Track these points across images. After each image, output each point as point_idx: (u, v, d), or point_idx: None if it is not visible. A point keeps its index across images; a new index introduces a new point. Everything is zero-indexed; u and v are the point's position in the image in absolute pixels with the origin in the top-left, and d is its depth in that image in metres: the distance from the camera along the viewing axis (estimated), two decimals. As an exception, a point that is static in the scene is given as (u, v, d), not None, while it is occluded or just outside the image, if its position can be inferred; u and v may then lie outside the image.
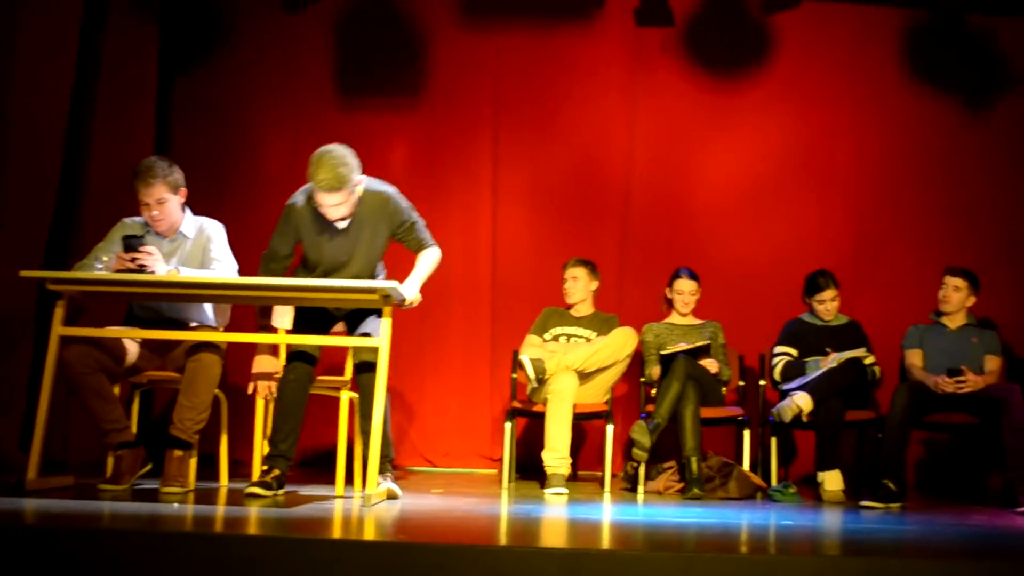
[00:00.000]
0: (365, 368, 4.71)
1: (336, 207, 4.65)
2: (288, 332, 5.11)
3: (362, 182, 4.72)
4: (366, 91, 7.03)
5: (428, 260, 4.91)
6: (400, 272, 4.90)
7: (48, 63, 5.94)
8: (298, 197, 4.83)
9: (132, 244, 4.64)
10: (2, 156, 5.84)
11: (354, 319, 4.95)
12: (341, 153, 4.60)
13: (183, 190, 4.93)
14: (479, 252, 6.88)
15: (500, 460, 6.00)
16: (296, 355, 4.77)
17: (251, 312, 6.09)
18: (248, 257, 5.35)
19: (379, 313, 4.69)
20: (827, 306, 5.95)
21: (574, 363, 5.62)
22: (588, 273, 6.05)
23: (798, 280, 6.12)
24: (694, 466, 5.41)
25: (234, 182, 6.97)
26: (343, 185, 4.57)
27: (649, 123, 6.95)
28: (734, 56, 6.92)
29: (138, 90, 6.51)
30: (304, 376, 4.74)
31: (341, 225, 4.77)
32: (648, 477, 5.66)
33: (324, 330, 4.93)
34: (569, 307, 6.10)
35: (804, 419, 5.52)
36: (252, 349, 4.98)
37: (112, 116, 6.36)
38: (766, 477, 5.78)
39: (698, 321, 6.15)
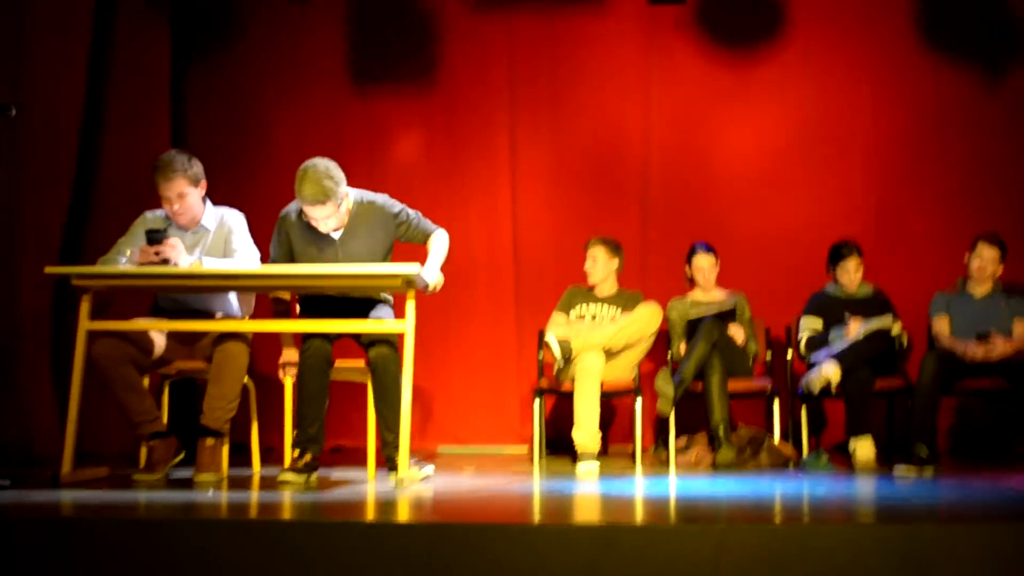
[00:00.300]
0: (377, 343, 4.73)
1: (326, 219, 4.75)
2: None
3: (349, 194, 4.83)
4: (380, 77, 7.02)
5: (439, 244, 4.98)
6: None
7: (61, 57, 5.97)
8: (291, 207, 4.92)
9: (155, 238, 4.66)
10: (17, 152, 5.87)
11: (360, 315, 4.95)
12: (325, 166, 4.71)
13: (203, 182, 4.96)
14: (501, 233, 6.88)
15: (530, 439, 6.01)
16: (310, 338, 4.79)
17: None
18: (268, 245, 5.36)
19: (387, 307, 4.75)
20: (851, 276, 5.94)
21: (600, 341, 5.62)
22: (607, 252, 6.04)
23: (821, 251, 6.11)
24: (722, 434, 5.40)
25: (251, 171, 6.98)
26: (328, 197, 4.66)
27: (666, 100, 6.93)
28: (748, 31, 6.86)
29: (152, 82, 6.53)
30: (322, 359, 4.76)
31: (335, 236, 4.85)
32: (679, 450, 5.67)
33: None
34: (592, 286, 6.09)
35: (833, 390, 5.52)
36: (277, 336, 5.00)
37: (127, 108, 6.38)
38: (797, 447, 5.78)
39: (723, 294, 6.15)
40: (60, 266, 5.32)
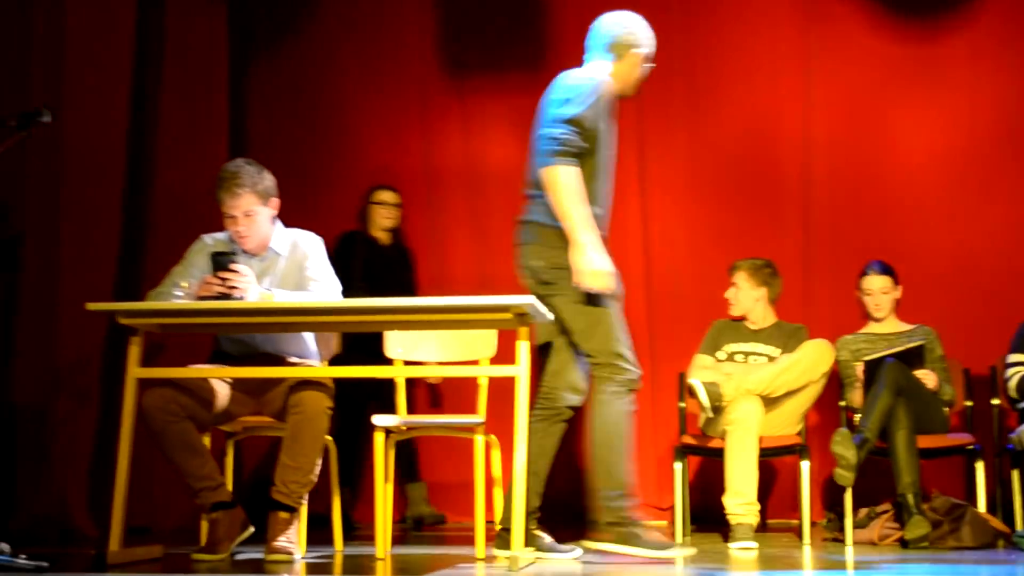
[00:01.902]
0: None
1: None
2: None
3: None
4: (479, 68, 7.08)
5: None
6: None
7: (102, 57, 6.09)
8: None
9: (222, 262, 4.67)
10: (57, 171, 5.99)
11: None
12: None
13: (274, 200, 4.98)
14: (628, 256, 6.81)
15: (670, 508, 5.94)
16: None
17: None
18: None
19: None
20: (1072, 301, 5.78)
21: (757, 386, 5.55)
22: (750, 277, 5.99)
23: (1031, 271, 5.99)
24: (912, 503, 5.27)
25: (327, 184, 7.07)
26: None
27: (829, 88, 6.88)
28: (931, -4, 6.80)
29: (208, 81, 6.64)
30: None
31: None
32: (859, 524, 5.54)
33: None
34: (742, 318, 6.00)
35: (1053, 445, 5.36)
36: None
37: (179, 114, 6.49)
38: (1008, 519, 5.64)
39: (906, 327, 6.05)
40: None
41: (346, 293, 6.18)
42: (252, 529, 4.83)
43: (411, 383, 6.57)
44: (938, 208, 6.73)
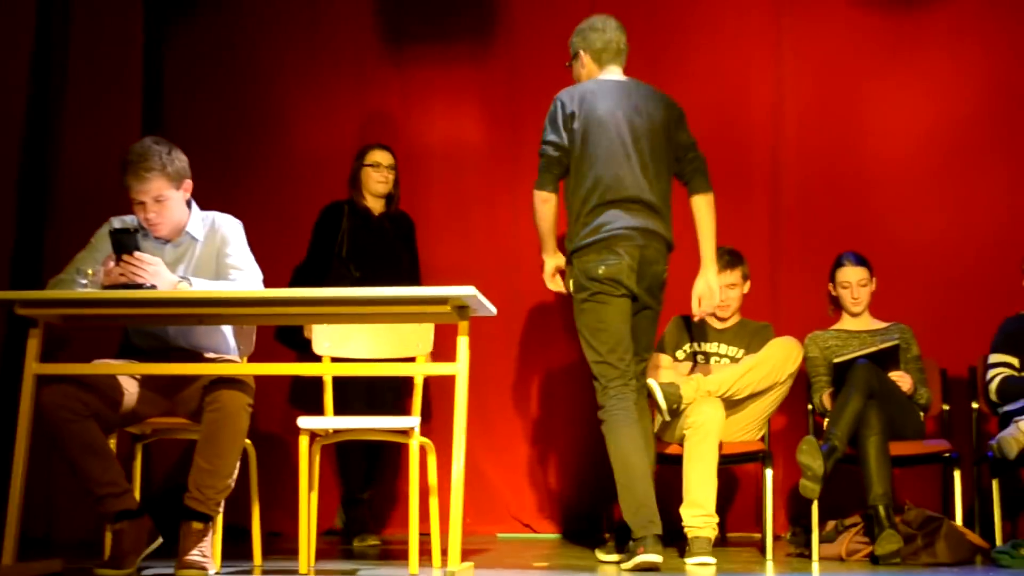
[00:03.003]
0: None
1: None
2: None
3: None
4: (423, 37, 7.07)
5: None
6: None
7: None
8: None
9: (126, 243, 4.62)
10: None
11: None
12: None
13: (188, 182, 4.95)
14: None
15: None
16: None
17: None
18: (273, 263, 5.35)
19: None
20: (1059, 297, 5.84)
21: (719, 388, 5.58)
22: (743, 273, 6.08)
23: (1014, 264, 6.06)
24: (884, 515, 5.30)
25: (252, 165, 7.05)
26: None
27: (801, 62, 6.93)
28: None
29: (121, 47, 6.62)
30: None
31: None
32: (826, 539, 5.57)
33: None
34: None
35: (1036, 454, 5.42)
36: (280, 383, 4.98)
37: (88, 83, 6.47)
38: (987, 534, 5.68)
39: (880, 324, 6.10)
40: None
41: (331, 273, 6.18)
42: (161, 540, 4.77)
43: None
44: (916, 195, 6.78)
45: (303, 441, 4.86)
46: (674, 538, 5.56)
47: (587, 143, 5.19)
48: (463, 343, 4.56)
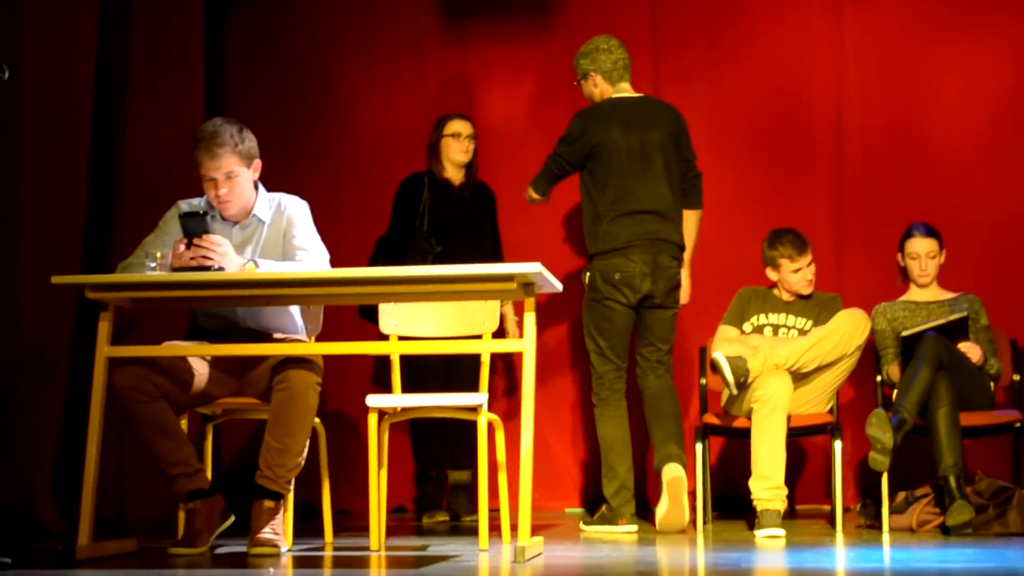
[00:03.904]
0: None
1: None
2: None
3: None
4: (481, 15, 7.06)
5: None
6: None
7: (66, 19, 6.06)
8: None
9: (195, 227, 4.66)
10: (16, 132, 5.98)
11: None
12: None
13: (257, 162, 4.98)
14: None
15: (691, 494, 5.95)
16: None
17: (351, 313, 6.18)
18: (339, 243, 5.38)
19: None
20: None
21: (786, 360, 5.56)
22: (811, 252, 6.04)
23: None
24: (955, 486, 5.28)
25: (313, 145, 7.07)
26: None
27: (863, 36, 6.88)
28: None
29: (182, 33, 6.61)
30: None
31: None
32: (896, 510, 5.56)
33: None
34: (772, 285, 6.02)
35: (1109, 423, 5.38)
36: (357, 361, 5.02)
37: (151, 70, 6.47)
38: (1059, 504, 5.62)
39: (948, 295, 6.06)
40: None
41: (410, 247, 6.21)
42: (233, 519, 4.84)
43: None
44: (983, 166, 6.72)
45: (372, 419, 4.91)
46: (744, 510, 5.57)
47: (606, 159, 5.75)
48: (530, 319, 4.57)
